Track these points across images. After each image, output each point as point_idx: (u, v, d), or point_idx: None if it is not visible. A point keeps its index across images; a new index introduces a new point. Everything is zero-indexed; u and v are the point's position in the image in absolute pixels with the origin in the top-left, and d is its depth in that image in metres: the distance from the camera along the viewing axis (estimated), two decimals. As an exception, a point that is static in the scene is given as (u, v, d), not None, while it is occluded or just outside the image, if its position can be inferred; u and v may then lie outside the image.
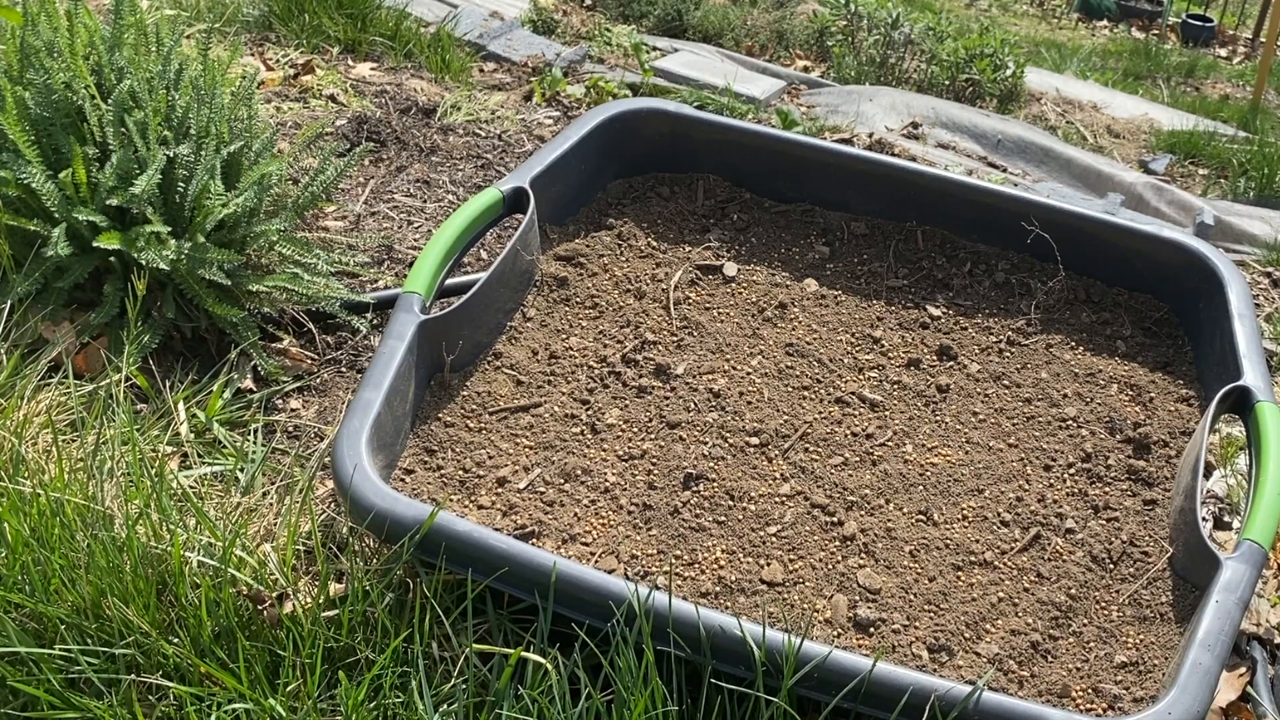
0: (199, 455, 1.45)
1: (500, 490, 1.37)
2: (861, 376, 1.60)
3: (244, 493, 1.37)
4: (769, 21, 4.76)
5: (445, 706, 1.09)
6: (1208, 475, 1.66)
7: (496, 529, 1.28)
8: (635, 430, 1.48)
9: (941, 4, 6.90)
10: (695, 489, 1.39)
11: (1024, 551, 1.36)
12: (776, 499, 1.39)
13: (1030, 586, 1.32)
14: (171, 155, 1.55)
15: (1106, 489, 1.46)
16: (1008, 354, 1.67)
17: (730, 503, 1.38)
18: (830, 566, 1.32)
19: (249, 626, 1.14)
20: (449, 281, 1.61)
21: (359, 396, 1.29)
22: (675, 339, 1.63)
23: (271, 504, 1.33)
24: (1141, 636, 1.27)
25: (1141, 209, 3.02)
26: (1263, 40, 6.34)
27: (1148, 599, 1.32)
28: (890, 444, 1.50)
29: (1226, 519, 1.59)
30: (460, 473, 1.39)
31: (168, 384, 1.54)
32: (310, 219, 1.95)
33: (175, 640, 1.09)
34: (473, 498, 1.36)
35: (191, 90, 1.65)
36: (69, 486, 1.18)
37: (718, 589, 1.27)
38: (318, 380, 1.63)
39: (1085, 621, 1.29)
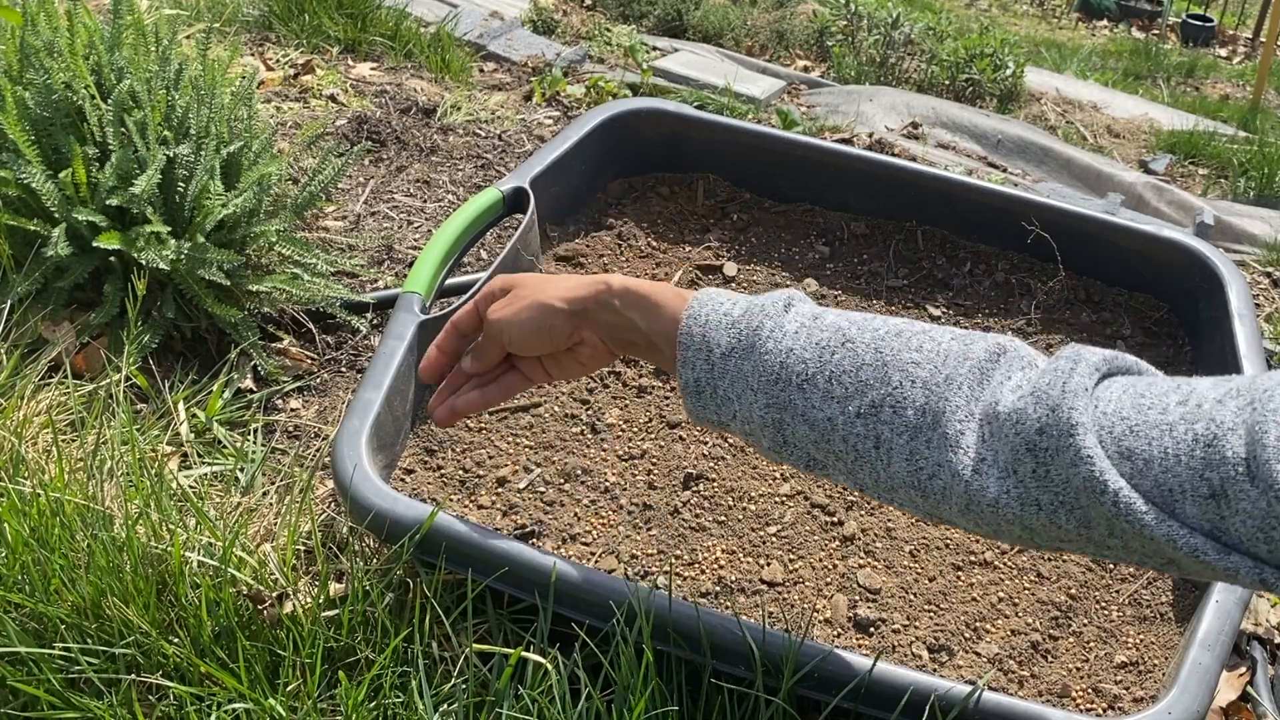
0: (199, 455, 1.45)
1: (500, 490, 1.37)
2: (861, 376, 1.60)
3: (244, 493, 1.37)
4: (769, 21, 4.76)
5: (445, 706, 1.09)
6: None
7: (496, 529, 1.28)
8: (635, 430, 1.48)
9: (941, 4, 6.90)
10: (695, 489, 1.39)
11: (1024, 551, 1.36)
12: (776, 499, 1.39)
13: (1030, 586, 1.32)
14: (171, 155, 1.55)
15: (1106, 489, 1.46)
16: (1008, 354, 1.67)
17: (730, 502, 1.38)
18: (830, 566, 1.32)
19: (249, 626, 1.13)
20: (449, 281, 1.61)
21: (359, 396, 1.29)
22: (675, 339, 1.63)
23: (271, 504, 1.33)
24: (1141, 636, 1.27)
25: (1141, 209, 3.02)
26: (1263, 40, 6.34)
27: (1148, 599, 1.32)
28: (890, 444, 1.49)
29: (1226, 519, 1.58)
30: (460, 473, 1.39)
31: (168, 384, 1.54)
32: (310, 219, 1.95)
33: (175, 640, 1.09)
34: (473, 498, 1.36)
35: (191, 90, 1.65)
36: (69, 486, 1.18)
37: (718, 589, 1.27)
38: (318, 380, 1.63)
39: (1085, 621, 1.29)
